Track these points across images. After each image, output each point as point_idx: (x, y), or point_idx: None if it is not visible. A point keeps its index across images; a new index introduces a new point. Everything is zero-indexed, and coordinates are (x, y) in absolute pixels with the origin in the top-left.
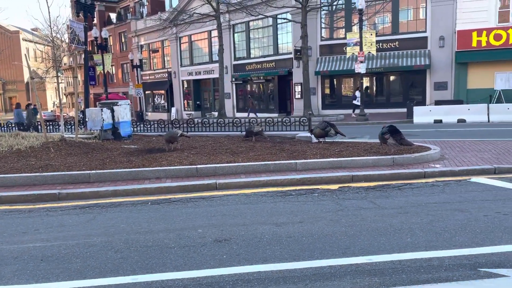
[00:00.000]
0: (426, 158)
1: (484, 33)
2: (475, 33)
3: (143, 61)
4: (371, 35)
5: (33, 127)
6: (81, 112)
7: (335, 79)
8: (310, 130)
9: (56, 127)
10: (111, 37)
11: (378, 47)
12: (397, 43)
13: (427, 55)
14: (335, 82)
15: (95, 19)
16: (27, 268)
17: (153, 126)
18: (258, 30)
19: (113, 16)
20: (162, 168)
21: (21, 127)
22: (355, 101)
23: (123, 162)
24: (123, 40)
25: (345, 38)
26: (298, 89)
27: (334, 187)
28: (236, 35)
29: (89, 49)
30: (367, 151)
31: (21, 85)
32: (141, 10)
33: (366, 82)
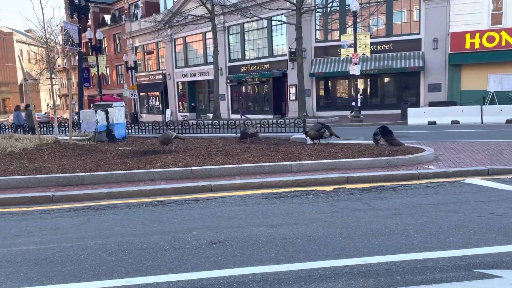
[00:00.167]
0: (420, 159)
1: (477, 35)
2: (468, 35)
3: (138, 62)
4: (366, 37)
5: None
6: (75, 114)
7: (329, 81)
8: (305, 131)
9: (50, 129)
10: (105, 39)
11: (372, 49)
12: (391, 45)
13: (421, 57)
14: (329, 84)
15: (89, 20)
16: (21, 271)
17: (147, 128)
18: (253, 32)
19: (107, 17)
20: (157, 170)
21: (21, 129)
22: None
23: (117, 164)
24: (117, 42)
25: (339, 40)
26: (293, 90)
27: (329, 188)
28: (231, 36)
29: (83, 50)
30: (361, 152)
31: (15, 87)
32: (135, 11)
33: (360, 84)
